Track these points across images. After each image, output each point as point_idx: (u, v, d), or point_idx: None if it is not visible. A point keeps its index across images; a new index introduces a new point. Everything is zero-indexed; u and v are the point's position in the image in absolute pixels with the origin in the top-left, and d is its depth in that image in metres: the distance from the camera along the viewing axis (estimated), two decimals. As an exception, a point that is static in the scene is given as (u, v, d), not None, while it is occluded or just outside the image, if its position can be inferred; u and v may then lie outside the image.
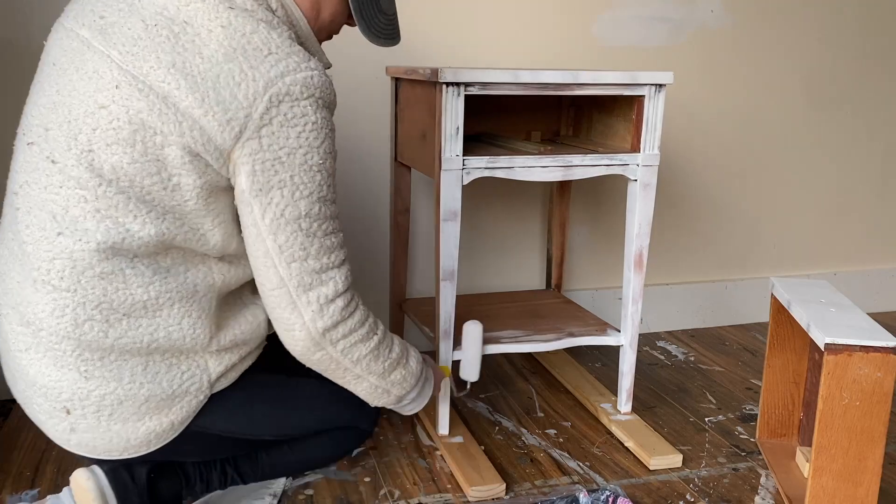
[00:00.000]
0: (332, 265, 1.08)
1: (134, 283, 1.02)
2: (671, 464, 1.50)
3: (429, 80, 1.40)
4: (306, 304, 1.06)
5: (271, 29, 1.01)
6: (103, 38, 0.99)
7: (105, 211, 0.99)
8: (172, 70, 0.96)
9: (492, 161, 1.44)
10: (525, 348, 1.58)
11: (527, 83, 1.41)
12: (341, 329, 1.09)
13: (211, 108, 0.96)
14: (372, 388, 1.19)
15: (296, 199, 1.02)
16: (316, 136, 1.02)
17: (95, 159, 0.98)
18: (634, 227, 1.56)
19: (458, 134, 1.39)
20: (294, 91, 0.99)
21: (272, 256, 1.04)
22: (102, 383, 1.04)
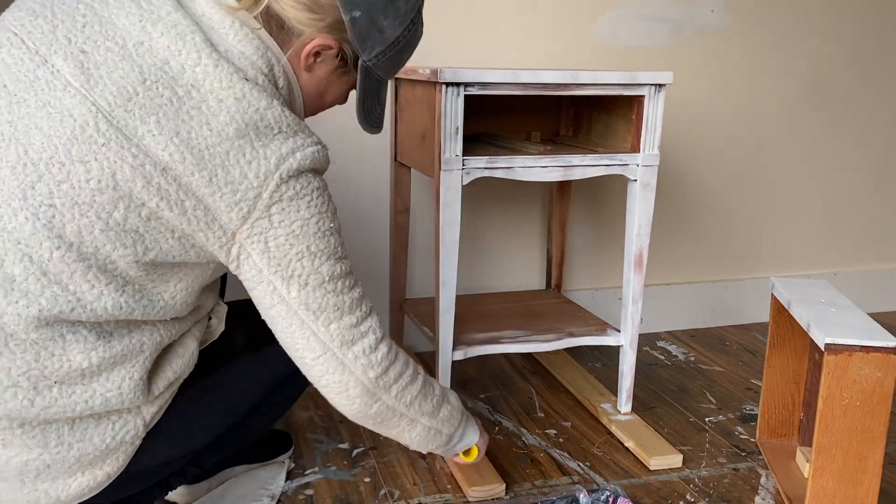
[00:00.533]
0: (366, 315, 1.06)
1: (74, 349, 0.91)
2: (671, 464, 1.50)
3: (428, 80, 1.40)
4: (353, 359, 1.04)
5: (284, 106, 0.95)
6: (85, 79, 0.86)
7: (55, 276, 0.87)
8: (176, 139, 0.86)
9: (491, 161, 1.43)
10: (525, 348, 1.58)
11: (527, 83, 1.41)
12: (392, 374, 1.08)
13: (220, 187, 0.89)
14: (425, 432, 1.18)
15: (317, 267, 0.99)
16: (322, 202, 0.98)
17: (56, 217, 0.85)
18: (634, 227, 1.56)
19: (457, 134, 1.39)
20: (304, 166, 0.95)
21: (309, 326, 1.01)
22: (24, 451, 0.93)
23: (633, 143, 1.54)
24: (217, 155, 0.88)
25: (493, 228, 2.06)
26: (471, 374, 1.92)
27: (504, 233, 2.07)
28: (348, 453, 1.53)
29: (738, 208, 2.27)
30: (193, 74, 0.88)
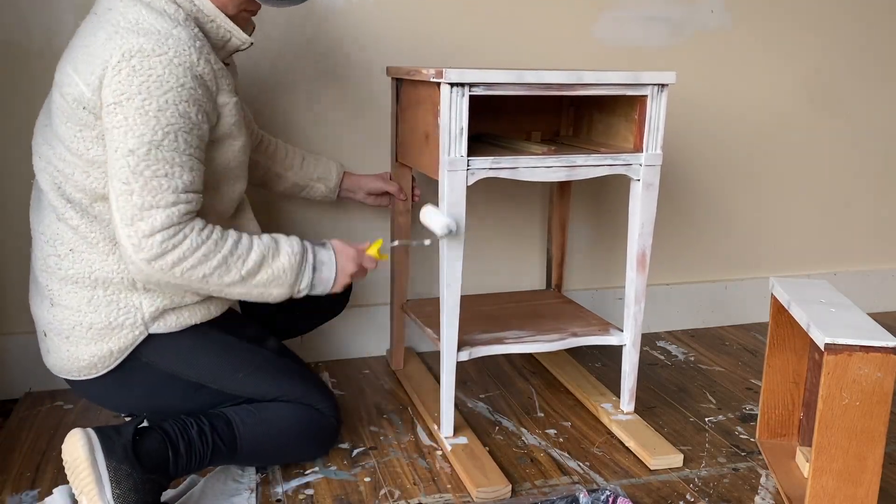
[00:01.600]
0: (156, 204, 1.17)
1: (72, 225, 1.24)
2: (672, 464, 1.50)
3: (432, 80, 1.40)
4: (126, 237, 1.17)
5: (146, 8, 1.19)
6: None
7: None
8: (76, 48, 1.20)
9: (496, 161, 1.44)
10: (529, 348, 1.58)
11: (531, 83, 1.41)
12: (169, 258, 1.19)
13: (86, 66, 1.17)
14: (244, 294, 1.28)
15: (126, 138, 1.15)
16: (158, 87, 1.15)
17: (54, 125, 1.24)
18: (637, 227, 1.56)
19: (462, 135, 1.39)
20: (146, 48, 1.15)
21: (111, 190, 1.18)
22: (61, 310, 1.27)
23: (635, 142, 1.54)
24: (90, 47, 1.17)
25: (494, 228, 2.06)
26: (471, 374, 1.92)
27: (504, 233, 2.07)
28: (348, 453, 1.53)
29: (737, 208, 2.27)
30: (99, 2, 1.23)
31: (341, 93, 1.85)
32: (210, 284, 1.24)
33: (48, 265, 1.28)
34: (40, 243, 1.29)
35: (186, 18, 1.22)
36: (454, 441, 1.53)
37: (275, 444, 1.39)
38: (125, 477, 1.19)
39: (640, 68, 2.06)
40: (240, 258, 1.25)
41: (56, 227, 1.27)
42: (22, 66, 1.65)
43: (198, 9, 1.24)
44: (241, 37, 1.30)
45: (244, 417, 1.35)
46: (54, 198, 1.25)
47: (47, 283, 1.28)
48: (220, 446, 1.32)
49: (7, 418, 1.64)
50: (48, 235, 1.27)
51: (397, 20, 1.86)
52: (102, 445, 1.20)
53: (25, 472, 1.44)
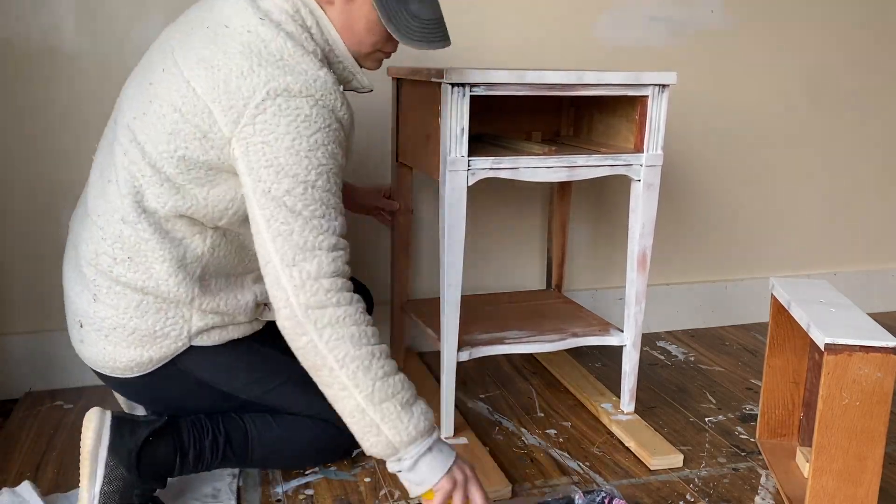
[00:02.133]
0: (319, 246, 1.12)
1: (139, 236, 1.19)
2: (672, 464, 1.50)
3: (433, 80, 1.40)
4: (289, 277, 1.11)
5: (290, 40, 1.14)
6: (179, 45, 1.19)
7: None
8: (201, 62, 1.13)
9: (497, 162, 1.43)
10: (530, 349, 1.58)
11: (532, 83, 1.41)
12: (328, 314, 1.11)
13: (219, 94, 1.11)
14: (359, 413, 1.13)
15: (279, 178, 1.11)
16: (307, 127, 1.11)
17: (137, 134, 1.19)
18: (638, 227, 1.56)
19: (463, 135, 1.39)
20: (293, 88, 1.11)
21: (262, 231, 1.13)
22: (104, 308, 1.23)
23: (636, 143, 1.54)
24: (222, 70, 1.11)
25: (494, 228, 2.06)
26: (471, 374, 1.92)
27: (504, 233, 2.07)
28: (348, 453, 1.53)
29: (737, 208, 2.27)
30: (229, 17, 1.15)
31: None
32: (344, 371, 1.11)
33: (99, 262, 1.22)
34: (95, 235, 1.22)
35: (323, 59, 1.19)
36: (454, 441, 1.53)
37: (285, 456, 1.40)
38: (118, 478, 1.20)
39: (640, 68, 2.06)
40: (382, 367, 1.13)
41: (120, 228, 1.20)
42: (22, 66, 1.65)
43: (330, 48, 1.21)
44: (362, 81, 1.27)
45: (261, 430, 1.34)
46: (129, 203, 1.18)
47: (94, 277, 1.23)
48: (230, 456, 1.33)
49: (7, 418, 1.64)
50: (107, 232, 1.20)
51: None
52: (111, 441, 1.21)
53: (25, 472, 1.43)
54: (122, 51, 1.69)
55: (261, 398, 1.34)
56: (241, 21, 1.14)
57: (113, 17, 1.67)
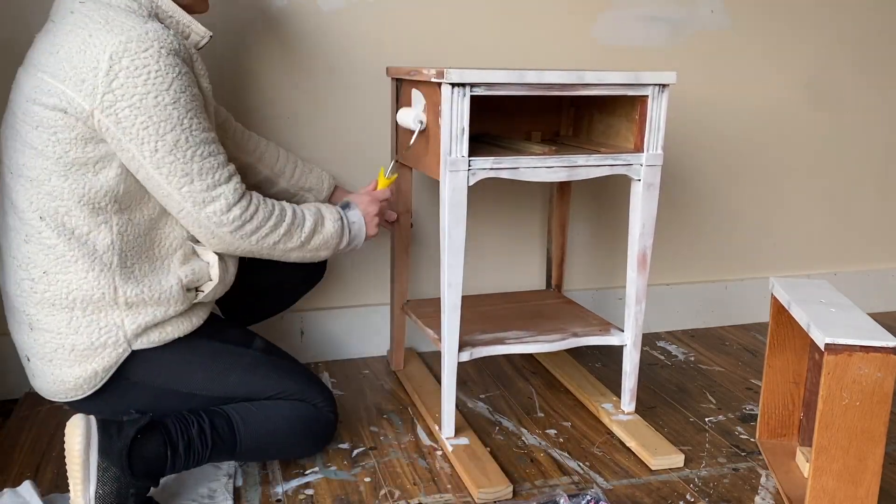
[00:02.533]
0: (219, 182, 1.25)
1: (46, 245, 1.22)
2: (673, 464, 1.50)
3: (433, 81, 1.40)
4: (206, 217, 1.25)
5: (110, 8, 1.19)
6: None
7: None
8: (42, 53, 1.20)
9: (497, 162, 1.43)
10: (530, 349, 1.58)
11: (532, 83, 1.41)
12: (248, 228, 1.29)
13: (66, 73, 1.15)
14: (300, 258, 1.41)
15: (162, 135, 1.18)
16: (162, 80, 1.17)
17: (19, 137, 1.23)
18: (638, 227, 1.56)
19: (463, 135, 1.39)
20: (130, 46, 1.15)
21: (164, 187, 1.22)
22: (40, 334, 1.26)
23: (636, 142, 1.54)
24: (60, 51, 1.17)
25: (493, 228, 2.06)
26: (471, 374, 1.92)
27: (504, 233, 2.07)
28: (348, 453, 1.53)
29: (737, 208, 2.27)
30: (55, 11, 1.23)
31: (340, 93, 1.85)
32: (276, 249, 1.35)
33: (22, 289, 1.25)
34: (12, 267, 1.26)
35: (150, 14, 1.24)
36: (455, 441, 1.53)
37: (274, 442, 1.39)
38: (112, 479, 1.21)
39: (640, 68, 2.06)
40: (299, 226, 1.37)
41: (25, 249, 1.24)
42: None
43: (157, 6, 1.25)
44: (199, 30, 1.31)
45: (245, 416, 1.35)
46: (27, 217, 1.22)
47: (23, 307, 1.26)
48: (220, 444, 1.33)
49: (7, 418, 1.64)
50: (19, 259, 1.25)
51: (395, 20, 1.86)
52: (100, 442, 1.21)
53: (25, 472, 1.43)
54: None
55: (225, 391, 1.36)
56: (64, 7, 1.21)
57: (113, 17, 1.67)
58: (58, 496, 1.33)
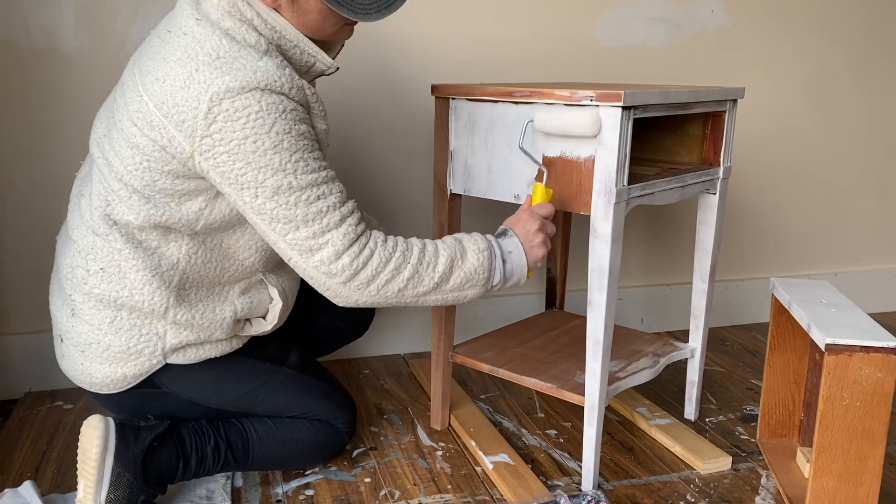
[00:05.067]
0: (326, 229, 1.14)
1: (112, 247, 1.19)
2: (721, 467, 1.50)
3: (586, 104, 1.25)
4: (314, 268, 1.15)
5: (225, 37, 1.10)
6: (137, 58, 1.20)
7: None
8: (149, 73, 1.12)
9: (643, 188, 1.34)
10: (641, 379, 1.49)
11: (674, 103, 1.36)
12: (362, 277, 1.16)
13: (169, 109, 1.09)
14: (441, 301, 1.24)
15: (262, 181, 1.10)
16: (262, 123, 1.08)
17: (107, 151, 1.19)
18: (711, 239, 1.58)
19: (626, 162, 1.27)
20: (233, 87, 1.07)
21: (269, 235, 1.15)
22: (80, 323, 1.23)
23: (709, 157, 1.56)
24: (166, 81, 1.09)
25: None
26: (471, 374, 1.92)
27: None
28: (349, 453, 1.53)
29: (737, 208, 2.27)
30: (172, 24, 1.14)
31: (389, 110, 1.85)
32: (406, 296, 1.20)
33: (75, 276, 1.22)
34: (70, 250, 1.23)
35: (269, 48, 1.14)
36: (495, 458, 1.50)
37: (284, 459, 1.40)
38: (125, 485, 1.20)
39: (640, 68, 2.06)
40: (429, 265, 1.20)
41: (91, 240, 1.20)
42: (22, 66, 1.64)
43: (280, 35, 1.16)
44: (325, 61, 1.22)
45: (262, 435, 1.35)
46: (99, 216, 1.20)
47: (71, 292, 1.23)
48: (231, 461, 1.33)
49: (7, 418, 1.64)
50: (81, 246, 1.21)
51: (389, 24, 1.86)
52: (117, 447, 1.21)
53: (25, 472, 1.43)
54: (122, 51, 1.69)
55: (252, 409, 1.35)
56: (180, 24, 1.12)
57: (113, 17, 1.67)
58: (58, 496, 1.33)
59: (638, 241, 2.19)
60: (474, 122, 1.41)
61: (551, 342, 1.66)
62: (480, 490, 1.41)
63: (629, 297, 2.20)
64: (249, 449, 1.34)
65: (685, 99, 1.38)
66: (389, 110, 1.90)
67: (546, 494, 1.38)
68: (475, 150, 1.43)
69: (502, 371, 1.50)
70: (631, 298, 2.20)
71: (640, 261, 2.21)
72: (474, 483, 1.43)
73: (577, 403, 1.39)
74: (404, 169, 1.94)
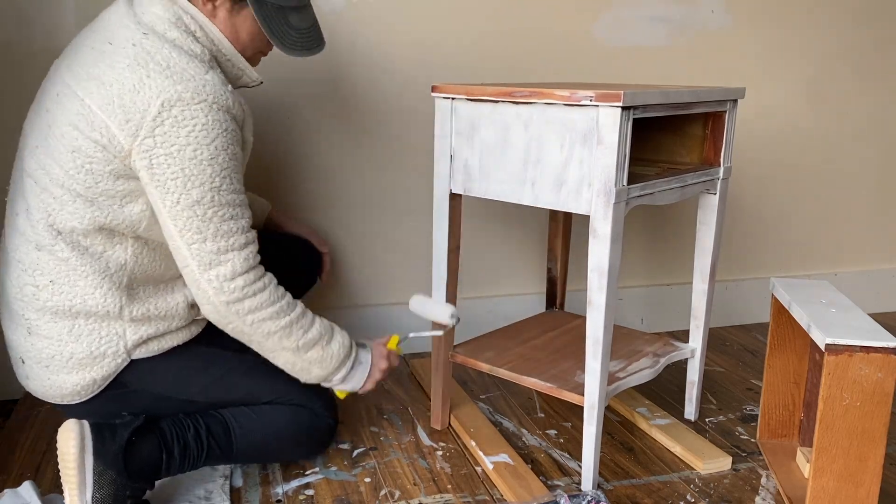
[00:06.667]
0: (231, 248, 1.20)
1: (58, 257, 1.21)
2: (721, 467, 1.50)
3: (585, 104, 1.26)
4: (207, 281, 1.20)
5: (174, 49, 1.17)
6: (65, 63, 1.23)
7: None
8: (92, 79, 1.15)
9: (643, 188, 1.34)
10: (641, 378, 1.49)
11: (675, 103, 1.36)
12: (247, 304, 1.23)
13: (114, 110, 1.13)
14: (290, 364, 1.31)
15: (188, 189, 1.16)
16: (206, 135, 1.15)
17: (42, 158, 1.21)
18: (711, 239, 1.59)
19: (625, 162, 1.27)
20: (185, 97, 1.14)
21: (176, 239, 1.19)
22: (39, 339, 1.24)
23: (709, 157, 1.56)
24: (114, 86, 1.14)
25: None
26: (471, 374, 1.92)
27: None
28: (349, 454, 1.53)
29: (737, 208, 2.27)
30: (113, 34, 1.18)
31: (389, 112, 1.85)
32: (269, 341, 1.27)
33: (24, 294, 1.23)
34: (16, 270, 1.24)
35: (210, 60, 1.22)
36: (495, 458, 1.50)
37: (269, 446, 1.39)
38: (108, 482, 1.21)
39: (640, 68, 2.06)
40: (302, 328, 1.29)
41: (35, 256, 1.22)
42: (22, 67, 1.64)
43: (217, 48, 1.24)
44: (252, 76, 1.31)
45: (241, 420, 1.35)
46: (42, 228, 1.20)
47: (23, 311, 1.24)
48: (215, 449, 1.33)
49: (7, 418, 1.64)
50: (25, 264, 1.23)
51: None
52: (94, 446, 1.21)
53: (25, 472, 1.43)
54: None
55: (223, 396, 1.36)
56: (125, 36, 1.17)
57: (113, 17, 1.67)
58: (57, 497, 1.33)
59: (638, 241, 2.19)
60: (474, 123, 1.42)
61: (551, 342, 1.66)
62: (480, 490, 1.41)
63: (629, 297, 2.20)
64: (231, 436, 1.34)
65: (686, 99, 1.38)
66: (389, 110, 1.90)
67: (546, 494, 1.38)
68: (475, 151, 1.43)
69: (502, 371, 1.50)
70: (631, 298, 2.20)
71: (641, 261, 2.21)
72: (474, 483, 1.43)
73: (577, 403, 1.39)
74: (404, 169, 1.94)
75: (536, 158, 1.35)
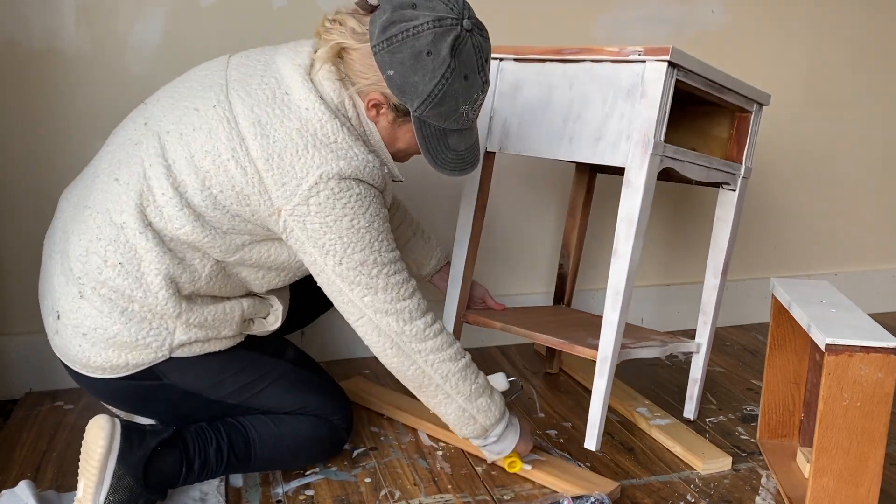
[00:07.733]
0: (402, 297, 1.25)
1: (138, 245, 1.19)
2: (721, 467, 1.50)
3: (632, 59, 1.32)
4: (388, 326, 1.24)
5: (343, 126, 1.19)
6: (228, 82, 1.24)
7: None
8: (258, 124, 1.16)
9: (676, 152, 1.38)
10: (652, 353, 1.52)
11: (710, 80, 1.40)
12: (429, 344, 1.27)
13: (273, 167, 1.16)
14: (460, 412, 1.32)
15: (349, 254, 1.20)
16: (360, 205, 1.19)
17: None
18: (726, 236, 1.60)
19: (665, 118, 1.32)
20: (345, 172, 1.17)
21: (346, 293, 1.23)
22: (88, 307, 1.21)
23: (734, 154, 1.58)
24: (279, 142, 1.16)
25: (503, 238, 2.06)
26: (471, 374, 1.92)
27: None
28: (349, 454, 1.53)
29: (738, 208, 2.27)
30: (291, 83, 1.19)
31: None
32: (448, 384, 1.30)
33: (89, 260, 1.20)
34: (90, 231, 1.20)
35: (360, 134, 1.24)
36: (533, 457, 1.49)
37: (285, 458, 1.40)
38: (124, 488, 1.20)
39: (640, 68, 2.06)
40: (474, 373, 1.33)
41: (116, 232, 1.19)
42: (22, 67, 1.64)
43: (367, 138, 1.26)
44: (395, 174, 1.32)
45: (262, 432, 1.36)
46: (133, 210, 1.19)
47: (80, 275, 1.20)
48: (234, 463, 1.34)
49: (7, 418, 1.64)
50: (104, 231, 1.19)
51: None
52: (121, 449, 1.20)
53: (25, 472, 1.43)
54: (122, 51, 1.69)
55: (249, 402, 1.35)
56: (302, 95, 1.18)
57: (113, 17, 1.67)
58: (53, 494, 1.32)
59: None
60: (519, 83, 1.48)
61: (561, 322, 1.68)
62: (480, 490, 1.41)
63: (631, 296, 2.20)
64: (251, 448, 1.34)
65: (720, 80, 1.41)
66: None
67: (549, 495, 1.38)
68: (516, 110, 1.48)
69: (515, 329, 1.55)
70: (632, 298, 2.20)
71: (642, 261, 2.21)
72: (474, 483, 1.43)
73: (590, 358, 1.42)
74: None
75: (577, 115, 1.40)
